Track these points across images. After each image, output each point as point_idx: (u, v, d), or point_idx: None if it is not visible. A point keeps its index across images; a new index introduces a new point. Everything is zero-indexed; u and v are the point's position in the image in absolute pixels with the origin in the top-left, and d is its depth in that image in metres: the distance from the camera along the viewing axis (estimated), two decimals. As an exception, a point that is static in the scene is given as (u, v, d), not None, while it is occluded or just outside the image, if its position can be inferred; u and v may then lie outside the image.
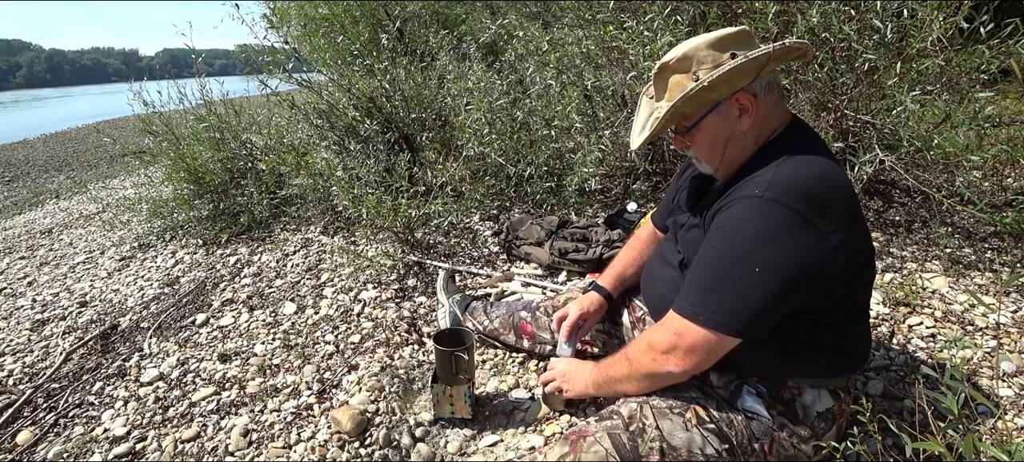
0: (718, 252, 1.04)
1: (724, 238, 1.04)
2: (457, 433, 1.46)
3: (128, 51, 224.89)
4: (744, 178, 1.09)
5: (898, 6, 1.94)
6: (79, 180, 7.34)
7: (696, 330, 1.02)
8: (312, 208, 3.12)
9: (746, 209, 1.02)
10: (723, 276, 1.02)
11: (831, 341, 1.09)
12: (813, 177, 1.02)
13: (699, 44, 1.10)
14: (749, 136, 1.12)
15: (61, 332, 2.40)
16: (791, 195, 0.99)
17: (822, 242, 0.99)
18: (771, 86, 1.12)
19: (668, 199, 1.49)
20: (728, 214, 1.05)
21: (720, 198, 1.11)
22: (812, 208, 0.98)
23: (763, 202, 1.00)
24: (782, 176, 1.02)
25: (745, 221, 1.02)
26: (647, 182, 2.77)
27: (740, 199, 1.05)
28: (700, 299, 1.03)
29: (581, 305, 1.50)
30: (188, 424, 1.63)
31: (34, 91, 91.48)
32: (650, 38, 2.38)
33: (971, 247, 2.08)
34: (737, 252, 1.01)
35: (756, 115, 1.10)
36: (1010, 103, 2.59)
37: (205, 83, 3.58)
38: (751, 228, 1.00)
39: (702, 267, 1.06)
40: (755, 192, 1.02)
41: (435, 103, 3.24)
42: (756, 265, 0.98)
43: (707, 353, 1.04)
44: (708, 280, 1.04)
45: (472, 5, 4.93)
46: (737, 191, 1.07)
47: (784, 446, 1.10)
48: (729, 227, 1.04)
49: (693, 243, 1.16)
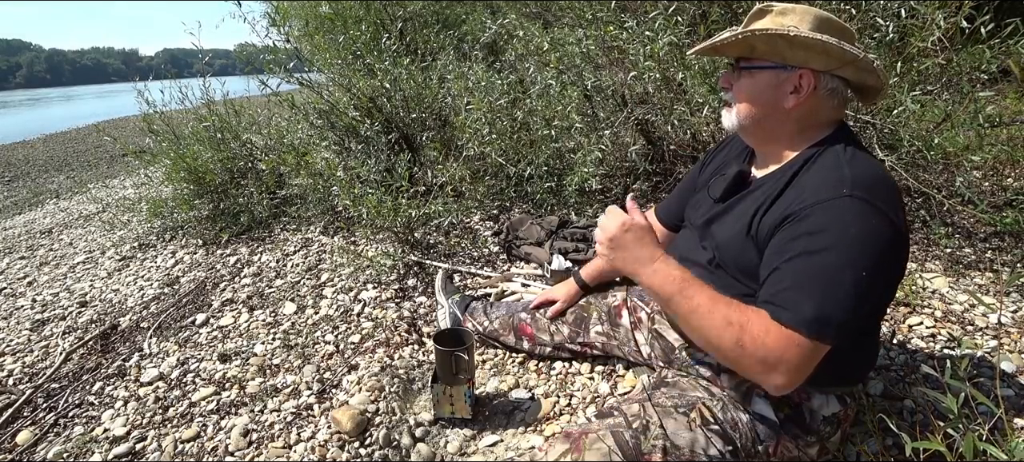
0: (819, 260, 0.96)
1: (823, 240, 0.96)
2: (457, 433, 1.46)
3: (128, 51, 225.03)
4: (801, 172, 1.07)
5: (899, 5, 1.94)
6: (79, 180, 7.34)
7: (807, 342, 0.93)
8: (312, 208, 3.12)
9: (841, 210, 0.96)
10: (824, 286, 0.94)
11: (845, 349, 1.07)
12: (883, 178, 1.01)
13: (808, 8, 1.09)
14: (791, 120, 1.11)
15: (61, 332, 2.40)
16: (875, 194, 0.97)
17: (904, 244, 1.01)
18: (835, 91, 1.10)
19: (680, 195, 1.47)
20: (819, 217, 0.98)
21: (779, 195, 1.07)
22: (892, 208, 0.97)
23: (854, 201, 0.96)
24: (859, 174, 0.99)
25: (847, 223, 0.95)
26: (647, 182, 2.77)
27: (826, 200, 0.98)
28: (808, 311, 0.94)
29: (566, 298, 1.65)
30: (188, 424, 1.63)
31: (34, 91, 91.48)
32: (651, 38, 2.38)
33: (971, 247, 2.08)
34: (844, 258, 0.94)
35: (806, 103, 1.09)
36: (1010, 103, 2.59)
37: (208, 83, 3.58)
38: (854, 229, 0.95)
39: (797, 274, 0.97)
40: (843, 191, 0.97)
41: (435, 103, 3.24)
42: (863, 269, 0.93)
43: (811, 364, 0.95)
44: (817, 289, 0.95)
45: (472, 5, 4.93)
46: (809, 188, 1.02)
47: (789, 449, 1.10)
48: (827, 229, 0.96)
49: (728, 232, 1.14)
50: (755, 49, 1.10)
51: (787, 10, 1.09)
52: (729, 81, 1.17)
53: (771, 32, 1.05)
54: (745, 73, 1.13)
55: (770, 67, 1.10)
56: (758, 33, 1.06)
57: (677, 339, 1.32)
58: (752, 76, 1.12)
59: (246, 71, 3.56)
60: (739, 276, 1.12)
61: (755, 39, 1.07)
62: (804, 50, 1.05)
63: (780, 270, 0.99)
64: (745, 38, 1.08)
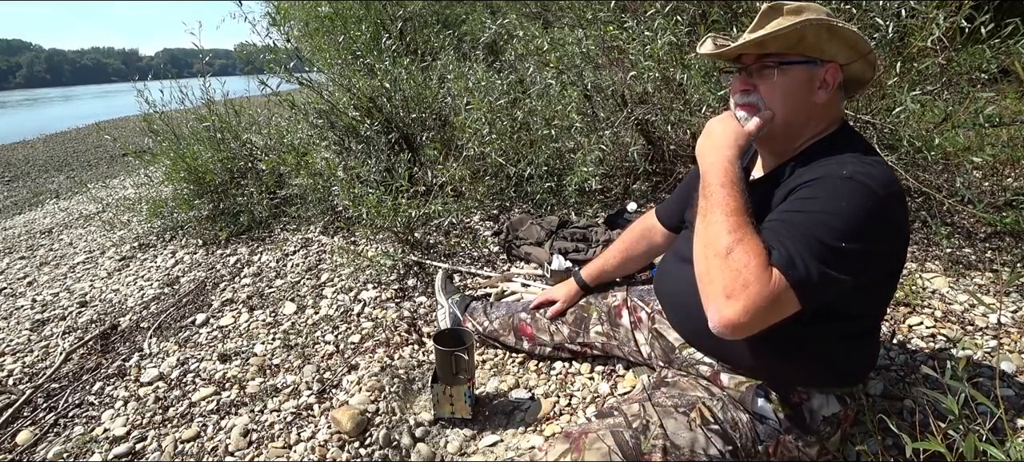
0: (807, 216, 0.96)
1: (814, 204, 0.97)
2: (457, 433, 1.46)
3: (128, 51, 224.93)
4: (807, 165, 1.06)
5: (899, 5, 1.94)
6: (79, 180, 7.33)
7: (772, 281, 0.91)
8: (312, 208, 3.12)
9: (838, 186, 0.96)
10: (807, 234, 0.94)
11: (845, 349, 1.07)
12: (886, 173, 1.01)
13: (817, 5, 1.07)
14: (814, 117, 1.09)
15: (61, 332, 2.40)
16: (874, 180, 0.97)
17: (899, 233, 1.01)
18: (844, 86, 1.10)
19: (681, 197, 1.47)
20: (817, 187, 0.99)
21: (783, 182, 1.07)
22: (892, 198, 0.97)
23: (854, 182, 0.96)
24: (863, 166, 0.99)
25: (839, 195, 0.95)
26: (647, 182, 2.77)
27: (826, 177, 0.98)
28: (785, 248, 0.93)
29: (566, 298, 1.65)
30: (188, 424, 1.63)
31: (34, 91, 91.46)
32: (650, 38, 2.38)
33: (971, 247, 2.08)
34: (829, 221, 0.94)
35: (832, 97, 1.08)
36: (1010, 103, 2.59)
37: (208, 83, 3.58)
38: (844, 203, 0.94)
39: (784, 223, 0.98)
40: (843, 173, 0.97)
41: (435, 103, 3.24)
42: (842, 239, 0.92)
43: (769, 311, 0.92)
44: (790, 231, 0.95)
45: (472, 5, 4.93)
46: (813, 172, 1.02)
47: (789, 449, 1.09)
48: (820, 196, 0.97)
49: None
50: (803, 41, 1.05)
51: (801, 8, 1.06)
52: (749, 84, 1.11)
53: (820, 22, 1.02)
54: (779, 70, 1.07)
55: (804, 62, 1.06)
56: (813, 22, 1.01)
57: (677, 339, 1.32)
58: (786, 73, 1.07)
59: (246, 71, 3.57)
60: None
61: (807, 29, 1.03)
62: (838, 42, 1.04)
63: (770, 222, 1.01)
64: (794, 30, 1.03)
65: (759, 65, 1.10)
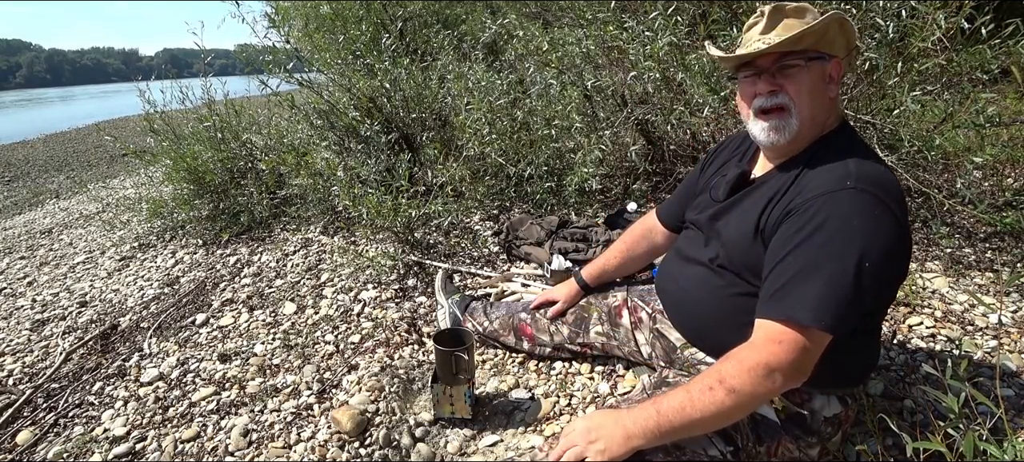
0: (824, 250, 0.96)
1: (822, 235, 0.96)
2: (457, 433, 1.46)
3: (128, 51, 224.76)
4: (809, 169, 1.06)
5: (899, 5, 1.94)
6: (79, 180, 7.34)
7: (804, 334, 0.93)
8: (312, 208, 3.12)
9: (843, 201, 0.96)
10: (833, 272, 0.94)
11: (847, 351, 1.07)
12: (888, 175, 1.01)
13: (809, 4, 1.09)
14: (823, 113, 1.10)
15: (61, 332, 2.40)
16: (879, 187, 0.96)
17: (907, 242, 1.01)
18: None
19: (681, 197, 1.47)
20: (824, 206, 0.98)
21: (785, 192, 1.06)
22: (898, 204, 0.97)
23: (863, 195, 0.95)
24: (865, 170, 0.99)
25: (849, 214, 0.95)
26: (647, 182, 2.77)
27: (829, 193, 0.98)
28: (806, 302, 0.94)
29: (567, 298, 1.64)
30: (188, 424, 1.63)
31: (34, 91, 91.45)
32: (651, 38, 2.38)
33: (971, 247, 2.08)
34: (845, 249, 0.94)
35: (836, 92, 1.10)
36: (1010, 103, 2.59)
37: (208, 83, 3.58)
38: (856, 221, 0.94)
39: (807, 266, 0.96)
40: (847, 184, 0.97)
41: (435, 103, 3.24)
42: (865, 259, 0.93)
43: (813, 353, 0.94)
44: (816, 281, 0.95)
45: (472, 5, 4.93)
46: (813, 183, 1.02)
47: (790, 450, 1.09)
48: (831, 221, 0.96)
49: (735, 231, 1.14)
50: (824, 36, 1.06)
51: (802, 9, 1.08)
52: (776, 84, 1.08)
53: (840, 16, 1.04)
54: (804, 67, 1.06)
55: (819, 58, 1.07)
56: (836, 17, 1.03)
57: (679, 339, 1.32)
58: (809, 70, 1.07)
59: (246, 71, 3.57)
60: (744, 274, 1.12)
61: (832, 24, 1.04)
62: (843, 36, 1.06)
63: (782, 264, 1.00)
64: (823, 24, 1.03)
65: (781, 64, 1.08)
